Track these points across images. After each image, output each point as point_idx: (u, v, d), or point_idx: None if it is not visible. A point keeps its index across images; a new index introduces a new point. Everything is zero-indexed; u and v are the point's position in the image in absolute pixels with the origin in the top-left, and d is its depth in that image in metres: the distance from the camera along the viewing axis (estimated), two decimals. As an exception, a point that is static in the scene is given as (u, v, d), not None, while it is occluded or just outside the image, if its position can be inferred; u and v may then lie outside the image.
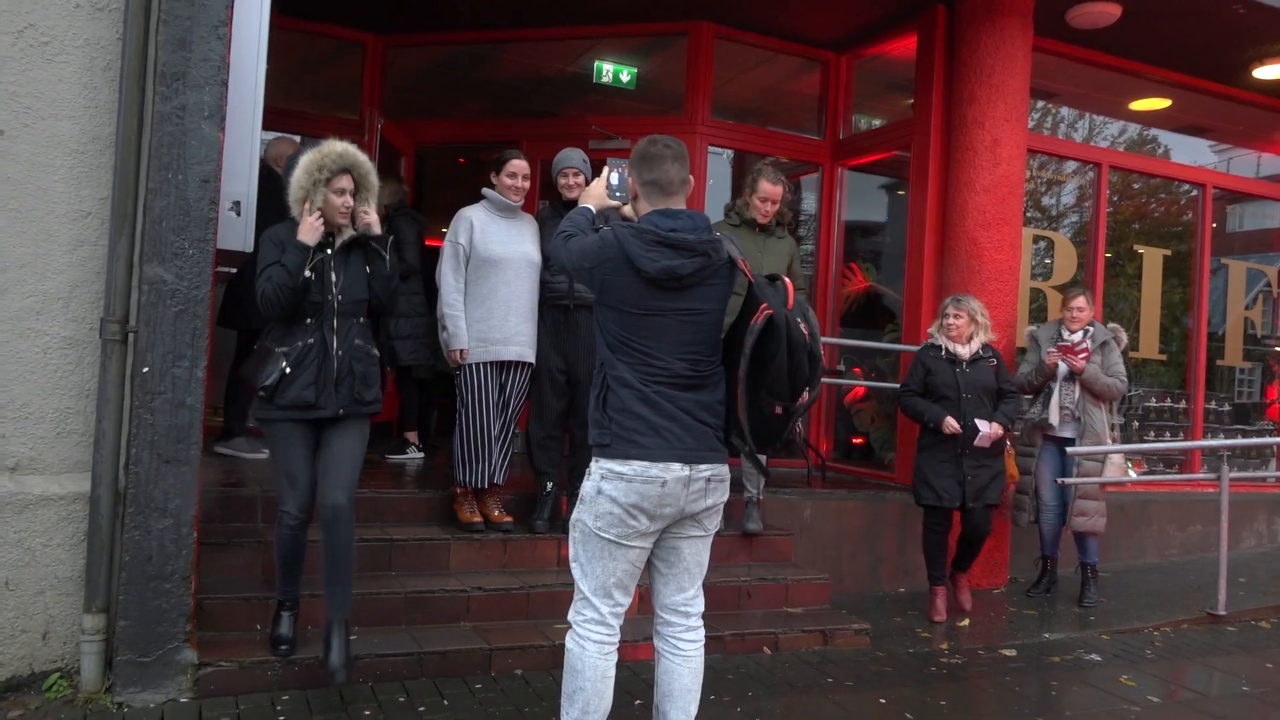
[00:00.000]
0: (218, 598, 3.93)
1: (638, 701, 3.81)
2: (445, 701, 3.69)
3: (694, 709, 2.95)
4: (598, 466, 2.81)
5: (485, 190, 4.79)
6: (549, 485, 4.88)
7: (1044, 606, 5.76)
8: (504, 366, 4.68)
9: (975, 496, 5.19)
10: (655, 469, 2.72)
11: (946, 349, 5.29)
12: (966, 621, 5.25)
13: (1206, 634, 5.42)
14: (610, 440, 2.77)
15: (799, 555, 5.41)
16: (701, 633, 2.98)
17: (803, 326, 2.77)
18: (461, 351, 4.59)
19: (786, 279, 2.88)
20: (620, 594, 2.85)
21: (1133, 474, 7.97)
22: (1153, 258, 7.91)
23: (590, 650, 2.82)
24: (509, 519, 4.78)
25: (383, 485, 5.09)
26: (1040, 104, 7.78)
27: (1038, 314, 7.31)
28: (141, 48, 3.61)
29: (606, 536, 2.78)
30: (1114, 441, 5.95)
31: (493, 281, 4.62)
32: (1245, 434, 8.41)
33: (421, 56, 7.91)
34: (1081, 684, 4.44)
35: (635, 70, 7.31)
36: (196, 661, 3.58)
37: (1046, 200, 8.04)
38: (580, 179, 4.84)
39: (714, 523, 2.93)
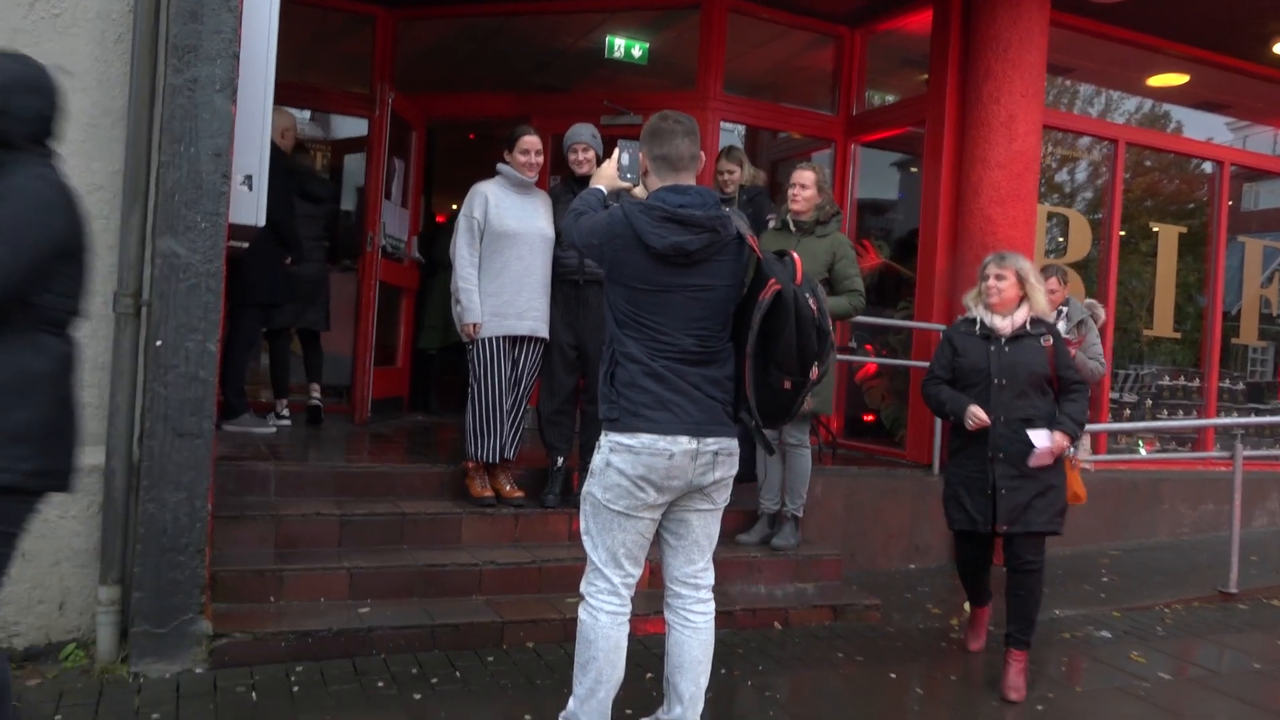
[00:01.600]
0: (232, 570, 3.96)
1: (649, 675, 3.82)
2: (458, 674, 3.72)
3: (704, 681, 2.98)
4: (606, 440, 2.84)
5: (500, 165, 4.78)
6: (560, 460, 4.89)
7: (1054, 584, 5.75)
8: (517, 341, 4.68)
9: (1010, 518, 3.93)
10: (663, 442, 2.76)
11: (982, 321, 4.09)
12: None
13: (1218, 611, 5.42)
14: (618, 415, 2.81)
15: (810, 531, 5.41)
16: (712, 605, 3.01)
17: (811, 302, 2.77)
18: (475, 325, 4.59)
19: (795, 255, 2.88)
20: (630, 564, 2.90)
21: (1143, 452, 7.97)
22: (1168, 235, 7.85)
23: (603, 620, 2.86)
24: (520, 494, 4.80)
25: (394, 459, 5.11)
26: (1057, 79, 7.70)
27: (1051, 291, 7.26)
28: (153, 20, 3.59)
29: (615, 508, 2.82)
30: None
31: (506, 256, 4.62)
32: (1259, 412, 8.37)
33: (433, 30, 7.87)
34: (1092, 660, 4.45)
35: (647, 45, 7.25)
36: (211, 633, 3.61)
37: (1061, 177, 7.97)
38: (590, 154, 4.84)
39: (723, 496, 2.95)
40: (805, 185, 4.90)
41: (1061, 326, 5.33)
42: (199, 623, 3.59)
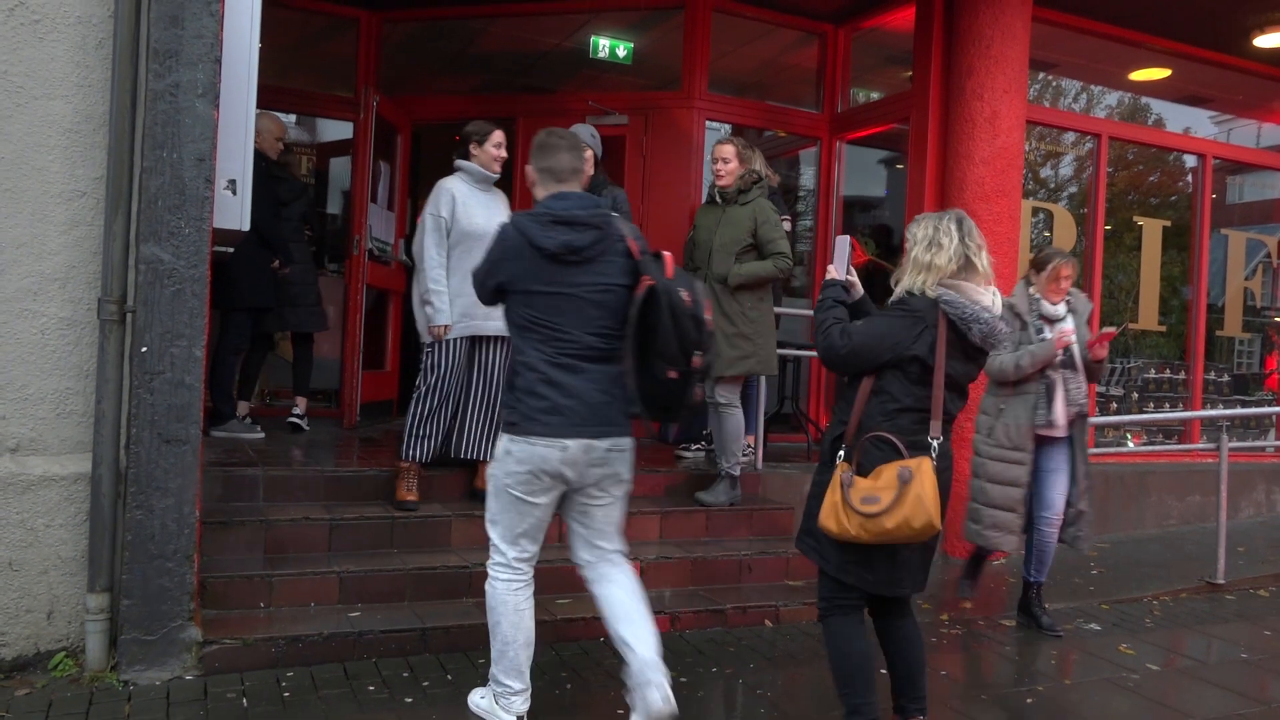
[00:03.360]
0: (221, 576, 3.95)
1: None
2: (449, 676, 3.72)
3: (648, 623, 3.11)
4: (505, 435, 3.10)
5: (461, 162, 4.67)
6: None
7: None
8: (479, 342, 4.65)
9: None
10: (556, 441, 3.01)
11: None
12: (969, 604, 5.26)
13: (1205, 603, 5.45)
14: (517, 419, 3.06)
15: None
16: (625, 563, 3.26)
17: (684, 294, 3.00)
18: (445, 328, 4.52)
19: (667, 255, 3.13)
20: (528, 542, 3.18)
21: (1130, 445, 8.01)
22: (1152, 229, 7.89)
23: (499, 589, 3.19)
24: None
25: (384, 463, 5.10)
26: (1040, 75, 7.74)
27: (1037, 286, 7.29)
28: (134, 25, 3.58)
29: (514, 493, 3.09)
30: None
31: (475, 255, 4.48)
32: (1244, 404, 8.43)
33: (416, 32, 7.86)
34: (1081, 653, 4.47)
35: (632, 45, 7.25)
36: (201, 639, 3.60)
37: (1045, 172, 8.01)
38: (589, 154, 4.92)
39: (620, 490, 3.21)
40: (727, 159, 5.21)
41: (1069, 323, 4.57)
42: (188, 629, 3.58)
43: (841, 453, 3.08)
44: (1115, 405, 7.84)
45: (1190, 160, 8.23)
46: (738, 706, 3.70)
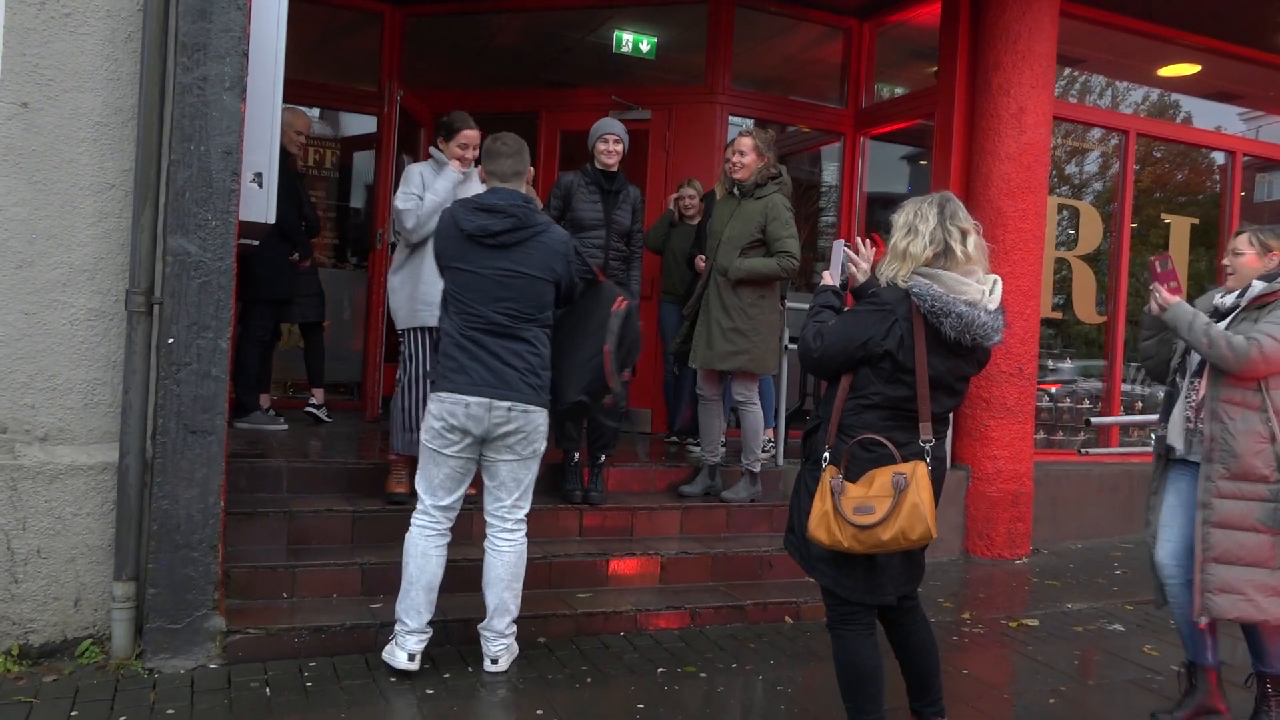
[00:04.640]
0: (245, 566, 3.98)
1: (660, 670, 3.84)
2: (469, 668, 3.73)
3: (509, 596, 3.69)
4: (431, 394, 3.60)
5: (434, 150, 4.54)
6: (575, 456, 4.89)
7: (1066, 577, 5.74)
8: None
9: None
10: (460, 398, 3.46)
11: None
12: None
13: (1231, 605, 5.38)
14: (436, 377, 3.60)
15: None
16: (518, 536, 3.70)
17: (638, 319, 3.78)
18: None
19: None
20: (443, 493, 3.61)
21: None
22: (1180, 226, 7.80)
23: (414, 534, 3.62)
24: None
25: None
26: (1066, 70, 7.66)
27: (1062, 284, 7.23)
28: (162, 18, 3.60)
29: (432, 447, 3.56)
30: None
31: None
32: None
33: (440, 26, 7.88)
34: (1105, 654, 4.44)
35: (655, 39, 7.24)
36: (225, 628, 3.63)
37: (1071, 168, 7.93)
38: (619, 147, 5.09)
39: (527, 449, 3.60)
40: (744, 152, 5.09)
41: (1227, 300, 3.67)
42: (213, 619, 3.61)
43: (827, 455, 2.87)
44: (1140, 405, 7.76)
45: (1219, 157, 8.13)
46: (757, 703, 3.70)
